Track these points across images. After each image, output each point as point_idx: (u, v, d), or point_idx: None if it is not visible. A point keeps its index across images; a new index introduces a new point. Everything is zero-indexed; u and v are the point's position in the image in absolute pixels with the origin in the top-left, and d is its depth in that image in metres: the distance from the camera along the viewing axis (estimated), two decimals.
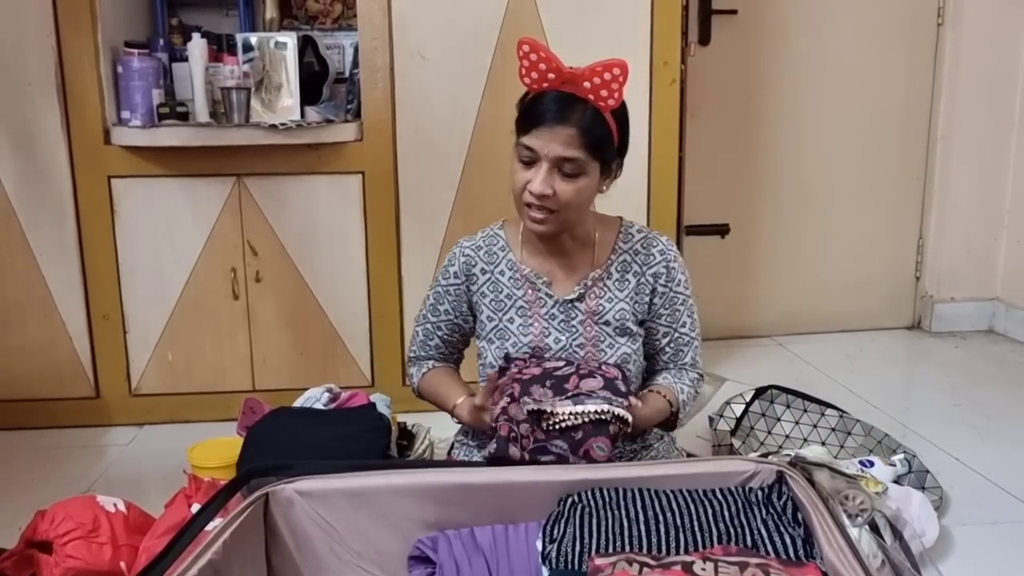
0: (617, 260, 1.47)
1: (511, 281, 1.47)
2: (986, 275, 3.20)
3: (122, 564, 1.42)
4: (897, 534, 1.20)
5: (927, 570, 1.28)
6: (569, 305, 1.45)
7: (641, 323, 1.49)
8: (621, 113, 1.37)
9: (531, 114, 1.35)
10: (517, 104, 1.39)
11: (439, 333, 1.55)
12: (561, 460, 1.25)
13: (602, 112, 1.32)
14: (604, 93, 1.31)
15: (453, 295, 1.51)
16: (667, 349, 1.53)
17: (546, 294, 1.46)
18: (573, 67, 1.32)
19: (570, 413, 1.24)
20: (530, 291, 1.46)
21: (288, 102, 2.33)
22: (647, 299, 1.48)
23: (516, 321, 1.46)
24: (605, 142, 1.34)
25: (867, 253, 3.21)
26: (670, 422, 1.51)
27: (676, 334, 1.52)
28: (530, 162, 1.35)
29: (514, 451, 1.26)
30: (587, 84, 1.31)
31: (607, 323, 1.45)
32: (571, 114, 1.31)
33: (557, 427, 1.25)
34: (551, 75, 1.32)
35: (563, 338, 1.45)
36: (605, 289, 1.46)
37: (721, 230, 3.12)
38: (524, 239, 1.48)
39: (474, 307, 1.51)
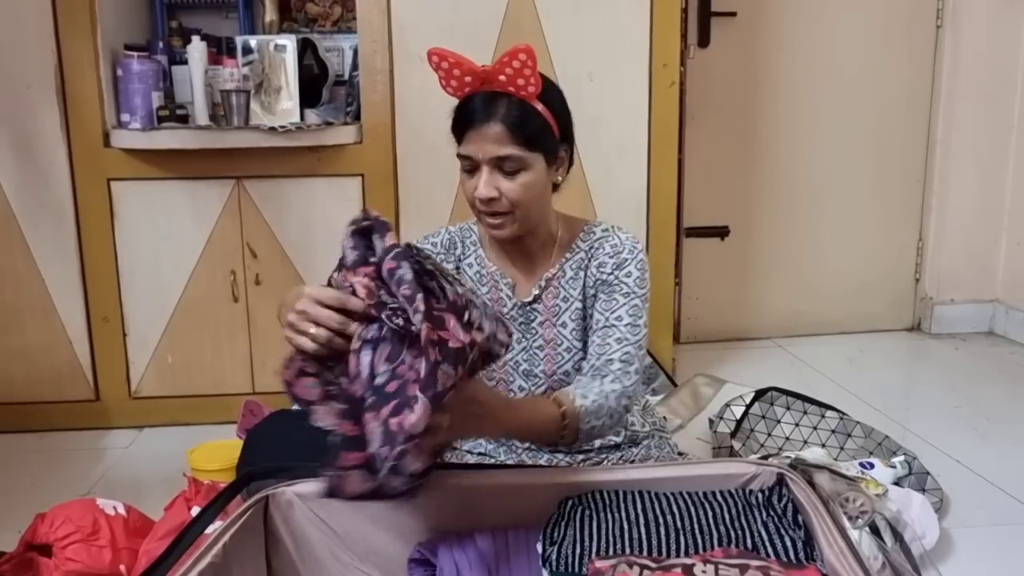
0: (573, 258, 1.42)
1: (476, 275, 1.46)
2: (986, 277, 3.20)
3: (122, 567, 1.42)
4: (898, 536, 1.20)
5: (927, 572, 1.27)
6: (528, 307, 1.43)
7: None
8: (553, 99, 1.33)
9: (460, 120, 1.32)
10: (449, 114, 1.35)
11: None
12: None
13: (529, 102, 1.29)
14: (521, 82, 1.27)
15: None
16: (594, 340, 1.35)
17: (507, 295, 1.44)
18: (484, 65, 1.30)
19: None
20: (493, 290, 1.44)
21: (288, 104, 2.34)
22: (592, 293, 1.40)
23: None
24: (540, 132, 1.30)
25: (867, 255, 3.21)
26: (563, 435, 1.26)
27: (607, 326, 1.34)
28: (471, 169, 1.32)
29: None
30: (502, 78, 1.28)
31: (564, 324, 1.42)
32: (495, 111, 1.28)
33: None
34: (468, 78, 1.29)
35: (524, 339, 1.43)
36: (560, 288, 1.43)
37: (721, 232, 3.12)
38: (490, 240, 1.46)
39: None
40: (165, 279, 2.34)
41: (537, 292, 1.42)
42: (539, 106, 1.30)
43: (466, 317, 1.00)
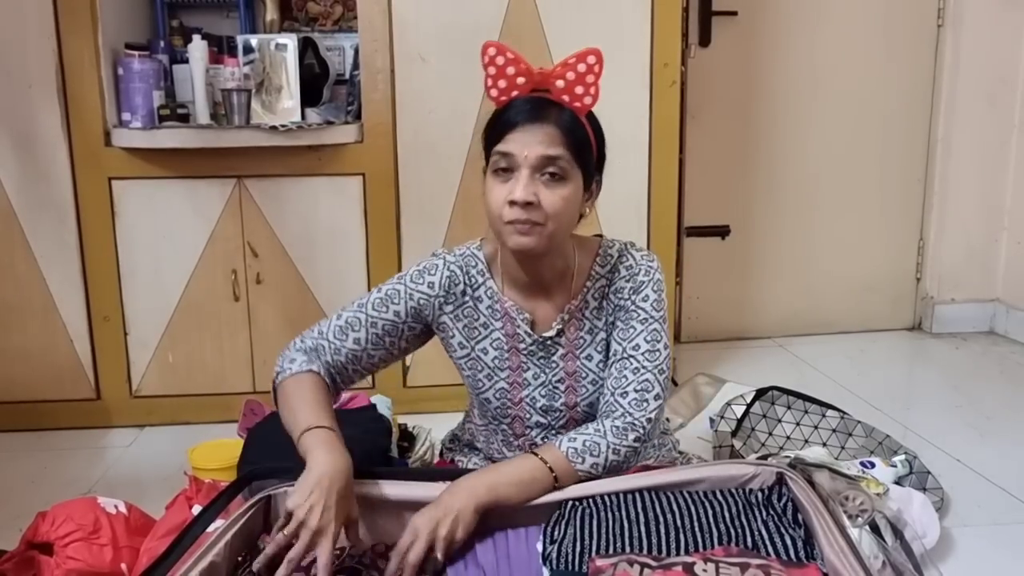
0: (594, 287, 1.34)
1: (488, 310, 1.35)
2: (987, 276, 3.20)
3: (123, 566, 1.42)
4: (898, 535, 1.20)
5: (928, 571, 1.27)
6: (550, 341, 1.35)
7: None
8: (598, 126, 1.28)
9: (501, 121, 1.22)
10: (484, 127, 1.27)
11: (370, 331, 1.32)
12: None
13: (578, 115, 1.23)
14: (579, 90, 1.20)
15: (416, 302, 1.33)
16: (611, 373, 1.31)
17: (525, 332, 1.34)
18: (543, 68, 1.23)
19: None
20: (509, 325, 1.34)
21: (288, 104, 2.34)
22: (611, 320, 1.34)
23: (490, 353, 1.36)
24: (586, 147, 1.23)
25: (868, 254, 3.21)
26: (557, 482, 1.21)
27: (625, 357, 1.30)
28: (507, 170, 1.20)
29: None
30: (560, 83, 1.20)
31: (589, 357, 1.35)
32: (547, 114, 1.20)
33: None
34: (520, 79, 1.22)
35: (543, 374, 1.36)
36: (584, 320, 1.35)
37: (721, 231, 3.12)
38: (504, 269, 1.34)
39: (440, 328, 1.37)
40: (166, 278, 2.34)
41: (560, 327, 1.34)
42: (586, 123, 1.24)
43: None
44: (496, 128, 1.23)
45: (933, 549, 1.60)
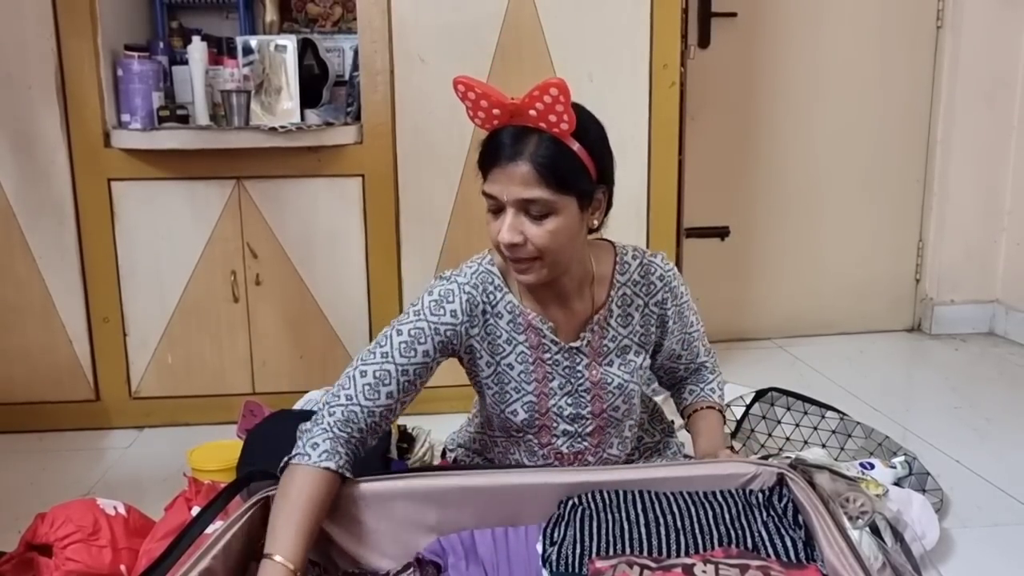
0: (617, 296, 1.37)
1: (510, 325, 1.34)
2: (986, 277, 3.20)
3: (122, 567, 1.42)
4: (898, 536, 1.20)
5: (928, 572, 1.27)
6: (575, 351, 1.36)
7: (649, 351, 1.45)
8: (592, 137, 1.24)
9: (486, 155, 1.23)
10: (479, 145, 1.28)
11: (401, 380, 1.26)
12: None
13: (563, 140, 1.19)
14: (552, 118, 1.17)
15: (443, 336, 1.30)
16: (682, 353, 1.52)
17: (551, 341, 1.35)
18: (515, 98, 1.20)
19: None
20: (533, 336, 1.35)
21: (288, 105, 2.34)
22: (653, 328, 1.42)
23: (516, 368, 1.35)
24: (572, 173, 1.20)
25: (867, 255, 3.21)
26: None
27: (687, 336, 1.50)
28: (496, 210, 1.23)
29: None
30: (532, 112, 1.18)
31: (611, 363, 1.39)
32: (523, 149, 1.18)
33: None
34: (496, 111, 1.21)
35: (569, 384, 1.37)
36: (608, 328, 1.38)
37: (721, 232, 3.12)
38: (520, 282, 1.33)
39: (468, 351, 1.35)
40: (165, 279, 2.34)
41: (589, 336, 1.36)
42: (574, 145, 1.20)
43: None
44: (483, 161, 1.25)
45: (932, 550, 1.60)
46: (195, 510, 1.41)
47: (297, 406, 1.99)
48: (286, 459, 1.21)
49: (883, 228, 3.20)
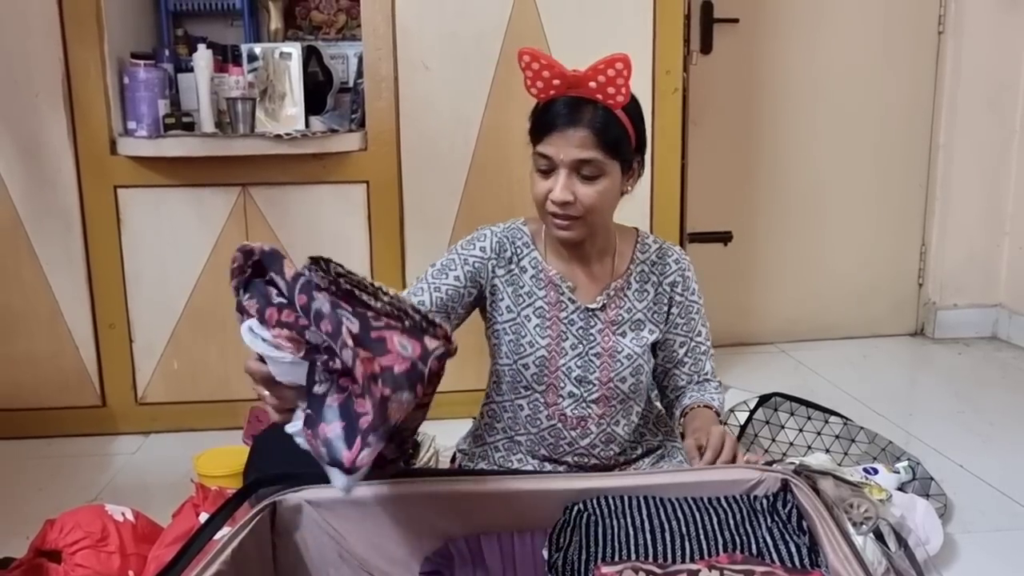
0: (635, 270, 1.46)
1: (533, 280, 1.43)
2: (989, 281, 3.21)
3: (131, 573, 1.43)
4: (902, 542, 1.20)
5: None
6: (590, 313, 1.43)
7: (657, 338, 1.47)
8: (633, 110, 1.35)
9: (542, 122, 1.34)
10: (529, 115, 1.38)
11: (433, 295, 1.38)
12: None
13: (613, 111, 1.31)
14: (611, 90, 1.29)
15: (471, 266, 1.41)
16: (685, 360, 1.52)
17: (569, 299, 1.43)
18: (576, 69, 1.31)
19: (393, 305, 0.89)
20: (552, 293, 1.43)
21: (292, 111, 2.35)
22: (665, 309, 1.47)
23: (533, 320, 1.42)
24: (621, 140, 1.33)
25: (870, 260, 3.21)
26: None
27: (693, 343, 1.51)
28: (548, 170, 1.33)
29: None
30: (592, 84, 1.29)
31: (623, 334, 1.44)
32: (582, 116, 1.30)
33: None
34: (556, 81, 1.32)
35: (580, 345, 1.42)
36: (625, 299, 1.45)
37: (724, 237, 3.12)
38: (548, 241, 1.44)
39: (492, 291, 1.44)
40: (171, 286, 2.35)
41: (604, 301, 1.43)
42: (622, 116, 1.32)
43: (407, 323, 0.89)
44: (538, 127, 1.35)
45: (936, 556, 1.61)
46: (203, 516, 1.42)
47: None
48: None
49: (885, 232, 3.21)
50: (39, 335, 2.34)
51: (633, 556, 1.10)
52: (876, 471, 1.76)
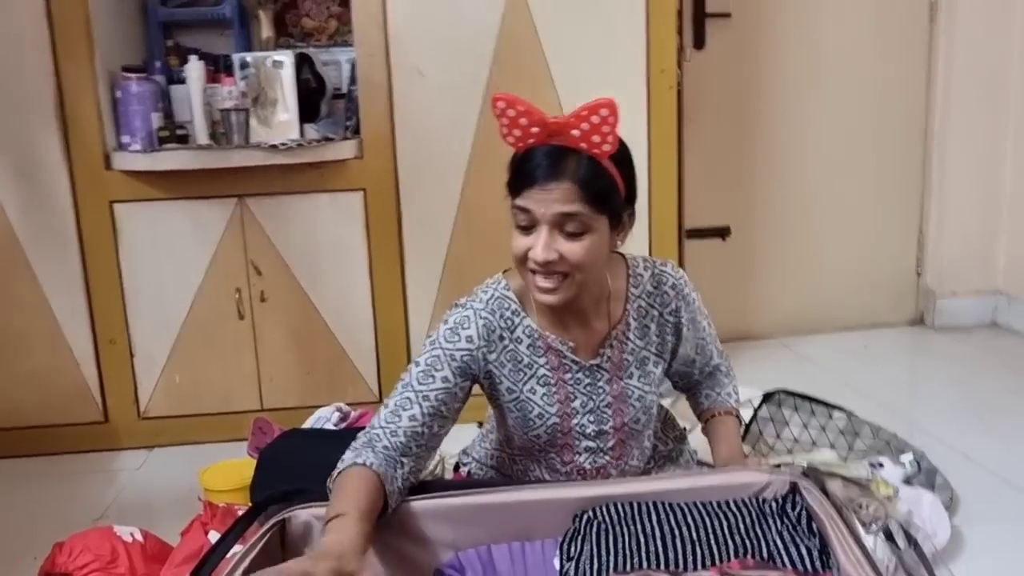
0: (632, 309, 1.38)
1: (530, 349, 1.34)
2: (987, 268, 3.21)
3: None
4: (911, 540, 1.21)
5: (939, 572, 1.28)
6: (595, 368, 1.37)
7: (667, 359, 1.45)
8: (622, 157, 1.25)
9: (521, 174, 1.22)
10: (507, 166, 1.27)
11: (423, 406, 1.26)
12: None
13: (599, 160, 1.20)
14: (596, 138, 1.18)
15: (460, 361, 1.30)
16: (697, 359, 1.51)
17: (572, 361, 1.35)
18: (557, 117, 1.20)
19: None
20: (554, 358, 1.35)
21: (284, 116, 2.32)
22: (671, 335, 1.42)
23: (539, 391, 1.35)
24: (609, 193, 1.22)
25: (868, 250, 3.22)
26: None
27: (702, 342, 1.50)
28: (528, 226, 1.22)
29: None
30: (576, 132, 1.18)
31: (631, 376, 1.39)
32: (564, 167, 1.19)
33: None
34: (534, 129, 1.20)
35: (591, 401, 1.37)
36: (627, 342, 1.38)
37: (722, 232, 3.12)
38: (537, 303, 1.32)
39: (488, 376, 1.35)
40: (170, 299, 2.34)
41: (608, 353, 1.37)
42: (610, 166, 1.22)
43: None
44: (516, 179, 1.24)
45: (944, 549, 1.61)
46: (212, 534, 1.42)
47: (308, 423, 1.99)
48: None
49: (883, 222, 3.21)
50: (40, 353, 2.34)
51: (645, 564, 1.10)
52: (882, 465, 1.77)
